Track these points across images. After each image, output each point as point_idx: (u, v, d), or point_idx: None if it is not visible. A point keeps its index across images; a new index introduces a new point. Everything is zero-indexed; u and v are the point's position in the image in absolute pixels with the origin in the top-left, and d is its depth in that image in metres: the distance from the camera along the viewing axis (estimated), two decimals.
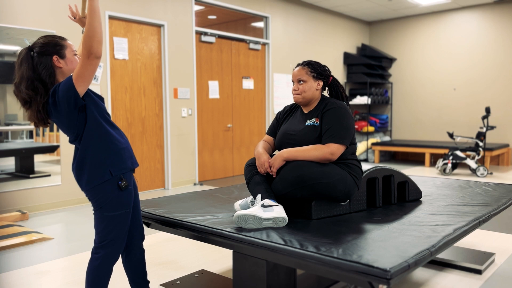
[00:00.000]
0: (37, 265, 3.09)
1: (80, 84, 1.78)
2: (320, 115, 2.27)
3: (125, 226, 1.95)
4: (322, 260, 1.64)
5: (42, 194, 4.79)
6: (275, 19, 7.50)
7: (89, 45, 1.75)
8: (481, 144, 6.98)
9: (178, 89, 6.07)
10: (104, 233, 1.91)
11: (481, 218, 2.24)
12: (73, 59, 1.92)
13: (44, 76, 1.84)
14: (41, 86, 1.83)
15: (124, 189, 1.90)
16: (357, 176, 2.27)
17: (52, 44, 1.88)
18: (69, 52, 1.91)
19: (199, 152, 6.55)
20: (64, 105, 1.80)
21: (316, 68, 2.33)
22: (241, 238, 1.90)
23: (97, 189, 1.87)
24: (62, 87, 1.80)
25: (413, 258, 1.61)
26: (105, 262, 1.92)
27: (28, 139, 4.73)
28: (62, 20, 4.87)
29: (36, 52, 1.86)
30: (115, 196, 1.89)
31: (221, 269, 2.97)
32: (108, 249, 1.92)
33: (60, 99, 1.81)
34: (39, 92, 1.83)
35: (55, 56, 1.87)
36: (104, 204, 1.88)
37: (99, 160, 1.87)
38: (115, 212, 1.90)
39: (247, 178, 2.28)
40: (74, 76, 1.78)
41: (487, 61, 8.41)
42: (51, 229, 4.03)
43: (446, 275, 2.81)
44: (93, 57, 1.75)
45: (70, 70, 1.91)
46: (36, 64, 1.85)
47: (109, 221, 1.90)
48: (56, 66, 1.88)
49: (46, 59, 1.86)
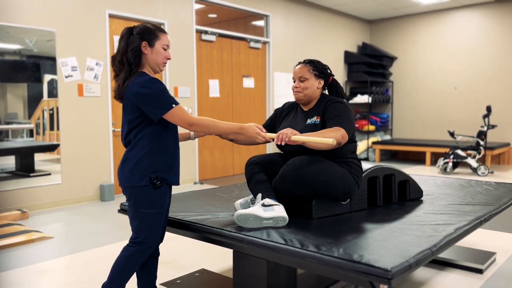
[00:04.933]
0: (36, 264, 3.09)
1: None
2: (321, 112, 2.26)
3: (159, 226, 1.99)
4: (323, 259, 1.63)
5: (42, 193, 4.78)
6: (275, 18, 7.49)
7: (192, 129, 1.93)
8: (482, 143, 6.96)
9: (178, 88, 6.06)
10: (138, 230, 1.96)
11: (483, 218, 2.23)
12: (160, 51, 1.98)
13: (130, 56, 1.93)
14: (127, 64, 1.93)
15: (158, 188, 1.95)
16: (357, 175, 2.26)
17: (148, 31, 1.96)
18: (159, 43, 1.97)
19: (200, 151, 6.54)
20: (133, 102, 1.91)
21: (318, 66, 2.32)
22: (241, 238, 1.90)
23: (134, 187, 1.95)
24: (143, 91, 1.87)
25: (414, 258, 1.60)
26: (135, 256, 1.97)
27: (28, 138, 4.72)
28: (63, 18, 4.86)
29: (135, 33, 1.95)
30: (150, 194, 1.94)
31: (222, 268, 2.96)
32: (141, 246, 1.97)
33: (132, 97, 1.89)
34: (125, 68, 1.93)
35: (144, 42, 1.94)
36: (139, 200, 1.94)
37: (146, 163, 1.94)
38: (150, 210, 1.94)
39: (247, 177, 2.27)
40: (169, 114, 1.88)
41: (488, 60, 8.39)
42: (51, 228, 4.02)
43: (447, 275, 2.80)
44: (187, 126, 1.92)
45: (154, 60, 1.97)
46: (129, 42, 1.94)
47: (143, 219, 1.94)
48: (142, 51, 1.95)
49: (136, 41, 1.94)
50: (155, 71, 2.01)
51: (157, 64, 1.98)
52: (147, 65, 1.98)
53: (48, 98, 4.84)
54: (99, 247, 3.45)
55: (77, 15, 4.99)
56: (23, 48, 4.59)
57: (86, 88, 5.09)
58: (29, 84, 4.69)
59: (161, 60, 1.99)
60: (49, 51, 4.78)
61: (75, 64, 4.97)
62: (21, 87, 4.65)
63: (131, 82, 1.90)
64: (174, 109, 1.87)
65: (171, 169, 1.98)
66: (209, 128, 1.93)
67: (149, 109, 1.87)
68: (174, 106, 1.87)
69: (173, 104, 1.87)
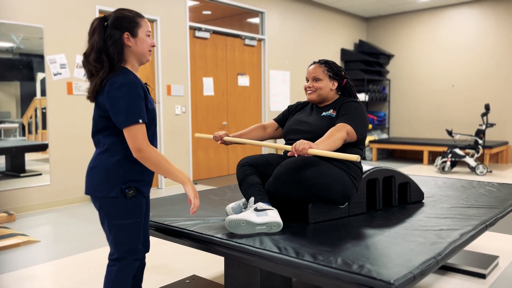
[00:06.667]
0: (22, 270, 2.95)
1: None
2: (337, 108, 2.23)
3: (138, 237, 1.76)
4: (320, 270, 1.51)
5: (31, 194, 4.64)
6: (271, 15, 7.35)
7: (138, 155, 1.64)
8: (480, 141, 6.87)
9: (171, 86, 5.92)
10: (115, 244, 1.72)
11: (488, 222, 2.12)
12: (144, 39, 1.74)
13: (112, 52, 1.67)
14: (107, 61, 1.67)
15: (131, 198, 1.70)
16: (355, 177, 2.15)
17: (126, 19, 1.70)
18: (142, 31, 1.73)
19: (194, 150, 6.41)
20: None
21: (333, 68, 2.31)
22: (232, 245, 1.77)
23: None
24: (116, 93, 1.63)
25: (418, 268, 1.48)
26: (121, 275, 1.74)
27: (21, 137, 4.59)
28: (51, 14, 4.71)
29: (109, 24, 1.69)
30: (123, 205, 1.70)
31: (213, 274, 2.84)
32: (122, 262, 1.74)
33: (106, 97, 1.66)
34: (104, 67, 1.66)
35: (126, 33, 1.70)
36: (110, 211, 1.70)
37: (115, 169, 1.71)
38: (124, 221, 1.71)
39: (239, 179, 2.15)
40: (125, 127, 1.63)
41: (486, 57, 8.30)
42: (38, 231, 3.88)
43: (449, 280, 2.69)
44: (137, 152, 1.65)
45: (139, 51, 1.74)
46: (106, 36, 1.68)
47: (118, 231, 1.71)
48: (125, 44, 1.71)
49: (117, 34, 1.68)
50: (142, 62, 1.77)
51: (143, 54, 1.75)
52: (132, 59, 1.74)
53: (41, 97, 4.70)
54: (87, 251, 3.32)
55: (66, 10, 4.84)
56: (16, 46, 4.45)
57: (76, 86, 4.94)
58: (21, 82, 4.55)
59: (147, 49, 1.75)
60: (37, 48, 4.63)
61: (64, 61, 4.82)
62: (14, 86, 4.52)
63: (109, 80, 1.65)
64: (136, 126, 1.61)
65: (145, 179, 1.75)
66: (156, 166, 1.64)
67: (115, 116, 1.62)
68: (140, 122, 1.62)
69: (140, 120, 1.62)
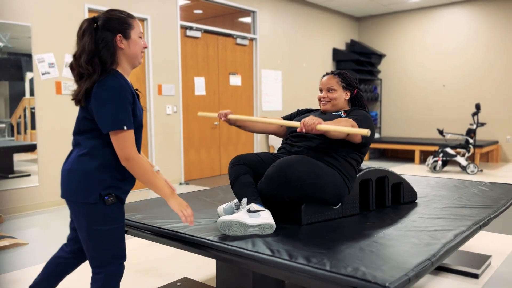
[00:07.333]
0: (8, 274, 2.89)
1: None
2: (348, 113, 2.28)
3: (122, 240, 1.69)
4: (314, 273, 1.48)
5: (19, 196, 4.56)
6: (262, 14, 7.32)
7: (126, 164, 1.62)
8: (471, 141, 6.90)
9: (162, 86, 5.86)
10: (97, 251, 1.64)
11: (481, 222, 2.10)
12: (137, 41, 1.70)
13: (105, 55, 1.62)
14: (99, 64, 1.62)
15: (111, 204, 1.64)
16: (348, 177, 2.12)
17: (118, 21, 1.66)
18: (135, 33, 1.69)
19: (185, 150, 6.35)
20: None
21: (346, 78, 2.35)
22: (224, 248, 1.73)
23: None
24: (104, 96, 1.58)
25: (413, 270, 1.46)
26: (108, 281, 1.65)
27: (9, 137, 4.50)
28: (39, 12, 4.63)
29: (100, 25, 1.64)
30: (103, 211, 1.63)
31: (205, 276, 2.79)
32: (107, 269, 1.65)
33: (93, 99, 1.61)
34: (96, 70, 1.61)
35: (118, 35, 1.65)
36: (89, 218, 1.63)
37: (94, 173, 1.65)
38: (106, 227, 1.63)
39: (231, 179, 2.11)
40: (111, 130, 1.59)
41: (477, 57, 8.34)
42: (27, 233, 3.81)
43: (442, 280, 2.68)
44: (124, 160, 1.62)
45: (132, 53, 1.69)
46: (98, 38, 1.63)
47: (101, 237, 1.64)
48: (118, 47, 1.66)
49: (108, 36, 1.64)
50: (134, 65, 1.73)
51: (135, 57, 1.70)
52: (124, 61, 1.69)
53: (30, 97, 4.62)
54: None
55: (55, 9, 4.76)
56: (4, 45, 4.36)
57: (65, 85, 4.87)
58: (10, 82, 4.47)
59: (139, 51, 1.71)
60: (25, 47, 4.55)
61: (52, 60, 4.74)
62: (2, 85, 4.44)
63: (97, 83, 1.60)
64: (124, 132, 1.58)
65: (125, 188, 1.69)
66: (141, 176, 1.62)
67: (101, 119, 1.58)
68: (126, 128, 1.58)
69: (125, 126, 1.58)
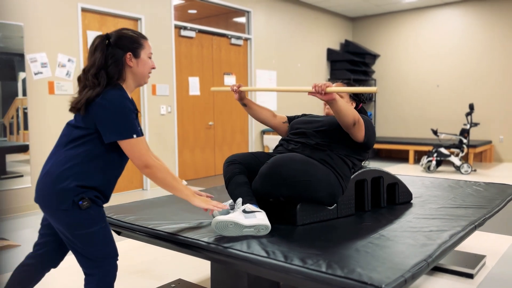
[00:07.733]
0: (1, 276, 2.85)
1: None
2: None
3: (110, 238, 1.67)
4: (309, 275, 1.47)
5: (12, 197, 4.51)
6: (257, 14, 7.31)
7: (145, 172, 1.68)
8: (465, 141, 6.93)
9: (156, 86, 5.83)
10: (87, 253, 1.62)
11: (477, 222, 2.10)
12: (146, 61, 1.75)
13: (112, 70, 1.68)
14: (105, 77, 1.66)
15: (87, 208, 1.62)
16: (342, 177, 2.12)
17: (130, 40, 1.71)
18: (145, 53, 1.75)
19: (179, 151, 6.33)
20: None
21: None
22: (219, 250, 1.72)
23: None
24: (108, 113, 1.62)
25: (409, 271, 1.45)
26: (104, 281, 1.64)
27: (2, 138, 4.46)
28: (31, 12, 4.58)
29: (112, 42, 1.70)
30: (81, 215, 1.61)
31: (200, 278, 2.78)
32: (101, 269, 1.64)
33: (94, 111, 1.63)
34: (101, 83, 1.65)
35: (129, 53, 1.71)
36: (69, 222, 1.61)
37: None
38: (90, 229, 1.62)
39: (226, 178, 2.09)
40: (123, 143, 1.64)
41: (471, 57, 8.38)
42: (19, 235, 3.77)
43: (437, 280, 2.67)
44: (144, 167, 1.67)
45: (140, 72, 1.74)
46: (108, 54, 1.68)
47: (87, 240, 1.63)
48: (127, 64, 1.71)
49: (119, 53, 1.69)
50: (139, 84, 1.77)
51: (143, 76, 1.75)
52: (130, 78, 1.73)
53: (23, 97, 4.57)
54: (69, 255, 3.23)
55: (47, 8, 4.72)
56: None
57: (58, 85, 4.82)
58: (2, 82, 4.42)
59: (147, 71, 1.76)
60: (17, 47, 4.50)
61: (45, 60, 4.70)
62: None
63: (102, 94, 1.63)
64: (136, 140, 1.63)
65: (104, 191, 1.68)
66: (162, 182, 1.68)
67: (103, 128, 1.61)
68: (135, 136, 1.63)
69: (134, 134, 1.62)
